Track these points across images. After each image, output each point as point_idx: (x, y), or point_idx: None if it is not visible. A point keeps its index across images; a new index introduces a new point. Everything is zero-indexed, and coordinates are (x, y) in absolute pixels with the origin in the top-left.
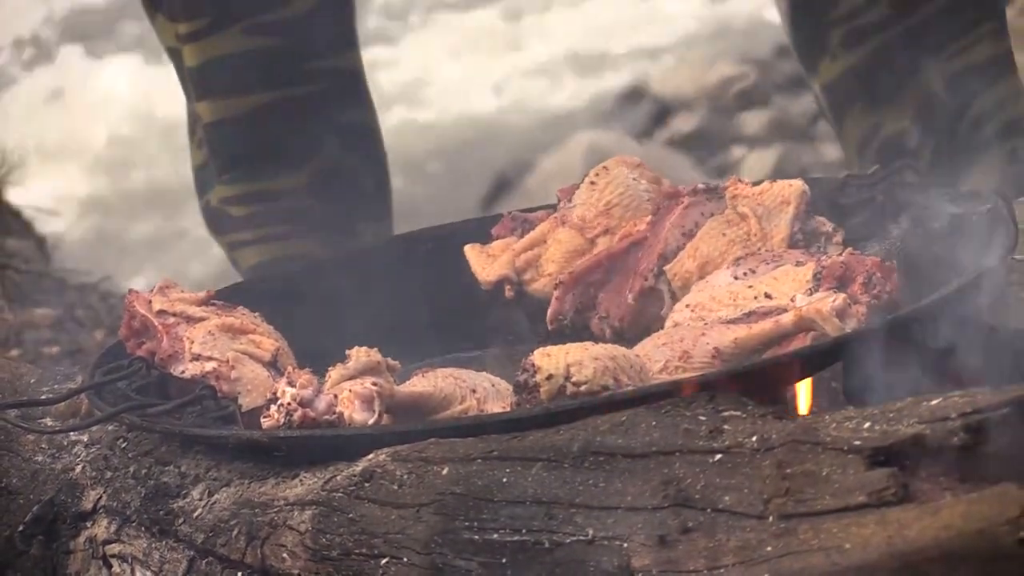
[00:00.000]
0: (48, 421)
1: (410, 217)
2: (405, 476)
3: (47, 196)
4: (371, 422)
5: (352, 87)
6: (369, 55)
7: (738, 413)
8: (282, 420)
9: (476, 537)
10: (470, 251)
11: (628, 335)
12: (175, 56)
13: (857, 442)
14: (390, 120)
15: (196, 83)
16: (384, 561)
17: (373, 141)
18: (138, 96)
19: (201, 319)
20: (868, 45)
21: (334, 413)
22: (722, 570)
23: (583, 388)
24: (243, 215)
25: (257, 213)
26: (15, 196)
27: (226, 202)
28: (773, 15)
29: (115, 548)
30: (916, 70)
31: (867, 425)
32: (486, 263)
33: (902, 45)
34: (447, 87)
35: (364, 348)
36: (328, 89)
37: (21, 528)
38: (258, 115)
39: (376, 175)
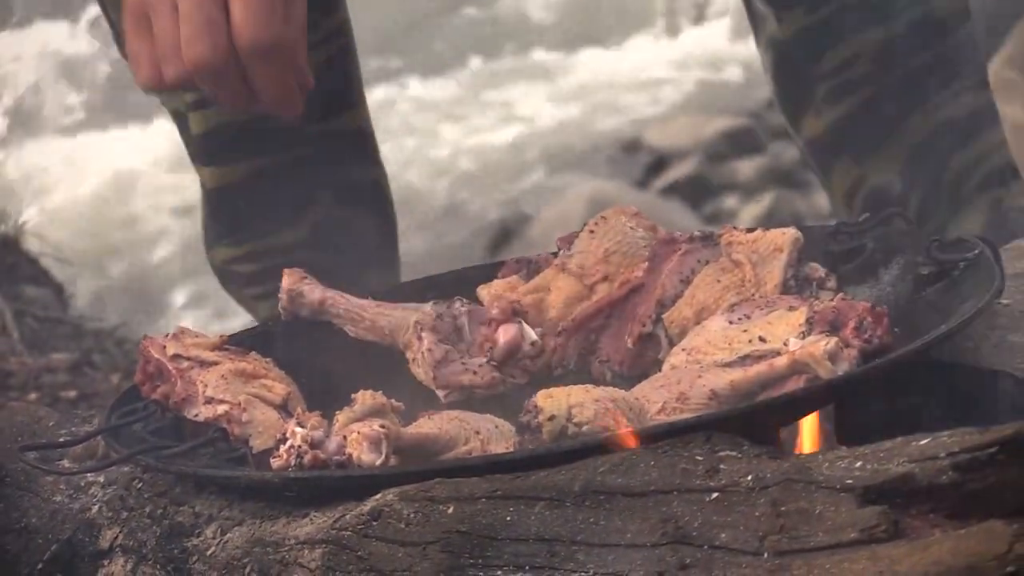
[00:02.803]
0: (66, 463)
1: (416, 265)
2: (412, 515)
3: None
4: (379, 463)
5: (354, 145)
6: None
7: (734, 453)
8: (292, 461)
9: (481, 574)
10: (483, 291)
11: (627, 378)
12: (180, 120)
13: (849, 481)
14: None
15: (200, 150)
16: None
17: (378, 195)
18: None
19: (215, 363)
20: (852, 99)
21: (343, 454)
22: None
23: (584, 429)
24: (248, 272)
25: (263, 269)
26: (33, 244)
27: (231, 262)
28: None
29: None
30: (900, 123)
31: (859, 464)
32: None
33: (886, 98)
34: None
35: (369, 391)
36: (326, 149)
37: (40, 567)
38: (260, 179)
39: (381, 227)
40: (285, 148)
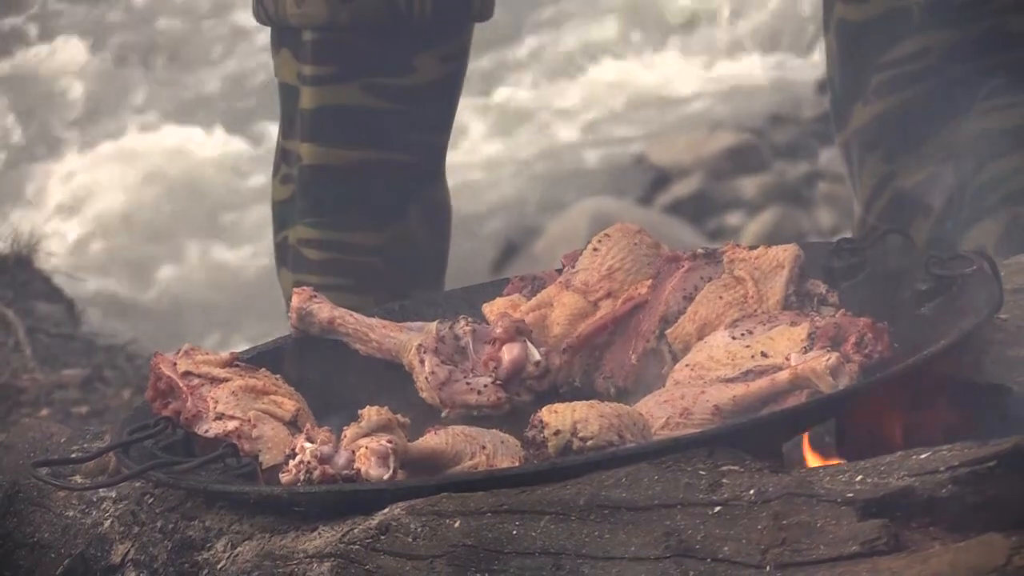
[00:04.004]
0: (78, 478)
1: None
2: (419, 529)
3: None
4: (386, 477)
5: (439, 165)
6: None
7: (736, 467)
8: (301, 476)
9: None
10: (487, 308)
11: (631, 393)
12: (289, 92)
13: (850, 494)
14: None
15: (307, 125)
16: None
17: (444, 219)
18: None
19: (225, 380)
20: (903, 93)
21: (351, 469)
22: None
23: (589, 444)
24: (317, 259)
25: (330, 261)
26: (44, 262)
27: (304, 243)
28: (767, 83)
29: None
30: (942, 124)
31: (859, 478)
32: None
33: (936, 96)
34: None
35: (376, 407)
36: (422, 161)
37: None
38: (357, 170)
39: (438, 250)
40: (387, 148)
